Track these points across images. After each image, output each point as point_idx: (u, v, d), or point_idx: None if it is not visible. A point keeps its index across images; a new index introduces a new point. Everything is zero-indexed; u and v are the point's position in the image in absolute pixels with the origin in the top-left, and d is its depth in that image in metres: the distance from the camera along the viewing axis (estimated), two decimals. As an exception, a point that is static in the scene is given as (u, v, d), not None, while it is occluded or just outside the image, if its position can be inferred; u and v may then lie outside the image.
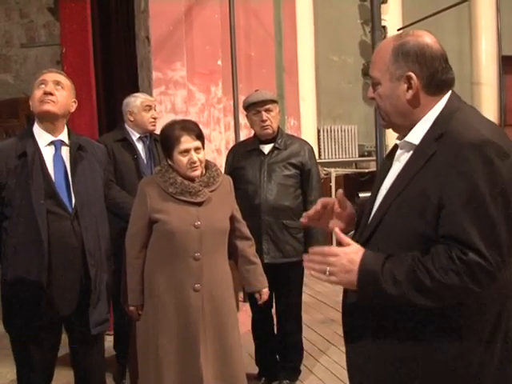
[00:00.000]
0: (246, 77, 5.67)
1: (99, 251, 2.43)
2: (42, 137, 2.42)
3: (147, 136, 3.51)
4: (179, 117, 5.20)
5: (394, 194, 1.45)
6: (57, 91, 2.41)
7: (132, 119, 3.45)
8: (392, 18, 7.04)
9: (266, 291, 2.82)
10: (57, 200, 2.34)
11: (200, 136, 2.54)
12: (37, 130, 2.43)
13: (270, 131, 3.18)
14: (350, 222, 1.72)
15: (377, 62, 1.51)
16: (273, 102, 3.20)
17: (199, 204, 2.51)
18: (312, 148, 3.36)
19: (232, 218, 2.66)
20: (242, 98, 5.21)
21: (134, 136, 3.47)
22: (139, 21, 5.47)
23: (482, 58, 7.81)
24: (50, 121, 2.43)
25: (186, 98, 5.25)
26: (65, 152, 2.44)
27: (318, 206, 1.68)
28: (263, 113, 3.15)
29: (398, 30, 6.18)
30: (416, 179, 1.40)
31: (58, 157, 2.41)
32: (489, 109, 7.36)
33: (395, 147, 1.60)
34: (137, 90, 5.47)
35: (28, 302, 2.31)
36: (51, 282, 2.30)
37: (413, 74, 1.43)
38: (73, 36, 5.20)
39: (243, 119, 5.10)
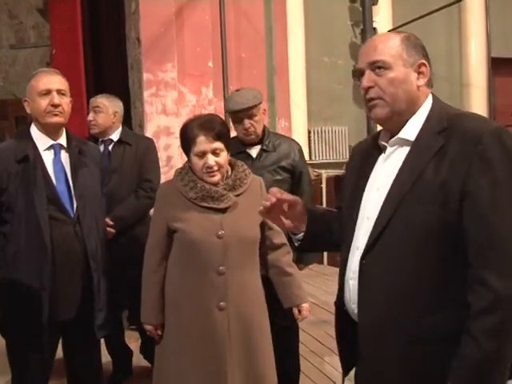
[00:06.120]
0: (236, 78, 5.66)
1: (100, 255, 2.40)
2: (41, 140, 2.37)
3: (111, 139, 3.29)
4: (170, 118, 5.22)
5: (402, 192, 1.43)
6: (62, 100, 2.36)
7: None
8: (382, 20, 7.06)
9: (306, 307, 2.44)
10: (59, 206, 2.32)
11: (221, 135, 2.19)
12: (35, 133, 2.38)
13: (253, 137, 2.94)
14: (301, 220, 1.69)
15: (385, 48, 1.49)
16: (255, 106, 2.87)
17: (223, 210, 2.20)
18: (301, 147, 3.18)
19: (262, 225, 2.32)
20: (232, 100, 5.22)
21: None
22: (130, 22, 5.46)
23: (471, 60, 7.86)
24: (55, 129, 2.40)
25: (177, 99, 5.25)
26: (63, 156, 2.40)
27: (272, 199, 1.61)
28: (246, 120, 2.86)
29: (389, 31, 6.21)
30: (428, 173, 1.40)
31: (57, 161, 2.37)
32: (478, 111, 7.38)
33: (375, 139, 1.59)
34: (127, 92, 5.47)
35: (29, 307, 2.28)
36: (54, 286, 2.27)
37: (426, 62, 1.50)
38: (63, 37, 5.18)
39: (234, 121, 5.08)
